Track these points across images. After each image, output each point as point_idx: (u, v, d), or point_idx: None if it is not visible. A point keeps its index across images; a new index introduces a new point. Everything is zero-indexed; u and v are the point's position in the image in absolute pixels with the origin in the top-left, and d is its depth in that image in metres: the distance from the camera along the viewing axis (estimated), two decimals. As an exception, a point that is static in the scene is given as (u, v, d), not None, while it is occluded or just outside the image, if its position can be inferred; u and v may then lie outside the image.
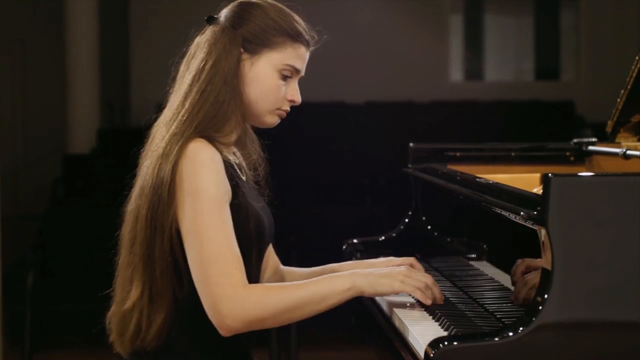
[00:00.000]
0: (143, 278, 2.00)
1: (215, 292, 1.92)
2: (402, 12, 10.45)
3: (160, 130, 2.06)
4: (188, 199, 1.95)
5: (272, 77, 2.09)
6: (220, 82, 2.04)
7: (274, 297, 1.95)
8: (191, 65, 2.08)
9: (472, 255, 2.44)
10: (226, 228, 1.96)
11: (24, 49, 10.19)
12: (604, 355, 1.77)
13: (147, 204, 1.98)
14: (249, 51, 2.07)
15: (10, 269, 5.20)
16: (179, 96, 2.06)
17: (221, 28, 2.08)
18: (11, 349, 5.01)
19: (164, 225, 1.97)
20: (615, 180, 1.84)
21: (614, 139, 2.87)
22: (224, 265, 1.93)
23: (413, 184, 2.86)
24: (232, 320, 1.92)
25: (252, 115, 2.12)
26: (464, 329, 1.91)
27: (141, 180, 2.03)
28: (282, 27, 2.09)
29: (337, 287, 1.99)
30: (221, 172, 1.99)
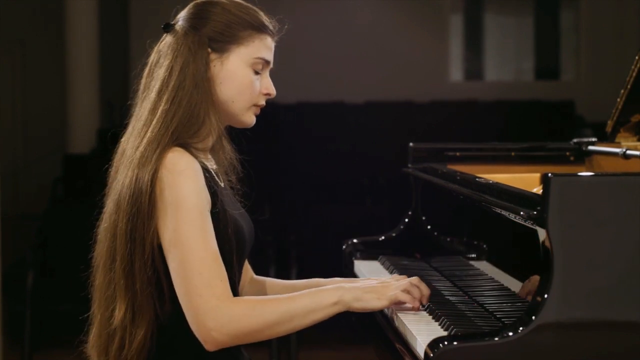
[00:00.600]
0: (126, 294, 1.94)
1: (200, 305, 1.87)
2: (402, 12, 10.45)
3: (131, 142, 2.00)
4: (169, 210, 1.90)
5: (245, 72, 2.04)
6: (191, 86, 1.99)
7: (261, 310, 1.91)
8: (156, 74, 2.03)
9: (472, 255, 2.44)
10: (209, 239, 1.92)
11: (24, 49, 10.18)
12: (604, 355, 1.77)
13: (126, 217, 1.93)
14: (217, 50, 2.03)
15: (11, 268, 5.20)
16: (147, 106, 2.01)
17: (183, 32, 2.03)
18: (11, 348, 5.01)
19: (145, 237, 1.92)
20: (615, 180, 1.84)
21: (614, 138, 2.87)
22: (208, 277, 1.89)
23: (413, 184, 2.86)
24: (218, 334, 1.88)
25: (229, 116, 2.07)
26: (464, 328, 1.91)
27: (115, 195, 1.98)
28: (246, 21, 2.05)
29: (324, 301, 1.95)
30: (201, 181, 1.94)
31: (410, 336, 1.94)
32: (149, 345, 1.95)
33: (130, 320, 1.95)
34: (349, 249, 2.78)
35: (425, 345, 1.77)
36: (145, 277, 1.93)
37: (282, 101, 9.67)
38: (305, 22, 10.06)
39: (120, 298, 1.95)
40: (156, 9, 10.89)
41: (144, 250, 1.92)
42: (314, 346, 5.45)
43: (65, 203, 7.05)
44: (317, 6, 10.16)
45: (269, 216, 5.95)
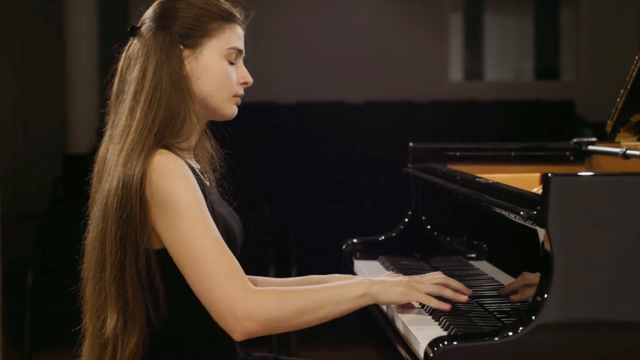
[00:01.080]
0: (117, 303, 1.92)
1: (225, 298, 1.86)
2: (402, 12, 10.45)
3: (112, 149, 1.97)
4: (168, 212, 1.88)
5: (220, 65, 2.03)
6: (168, 86, 1.97)
7: (290, 298, 1.90)
8: (129, 79, 2.00)
9: (472, 255, 2.44)
10: (214, 232, 1.90)
11: (24, 49, 10.18)
12: (604, 355, 1.77)
13: (115, 224, 1.90)
14: (190, 46, 2.01)
15: (10, 268, 5.20)
16: (124, 111, 1.98)
17: (152, 33, 2.01)
18: (11, 348, 5.01)
19: (138, 243, 1.90)
20: (615, 180, 1.84)
21: (614, 138, 2.87)
22: (226, 269, 1.88)
23: (413, 184, 2.86)
24: (248, 322, 1.87)
25: (211, 110, 2.06)
26: (464, 328, 1.91)
27: (101, 204, 1.95)
28: (214, 12, 2.03)
29: (352, 292, 1.95)
30: (192, 178, 1.93)
31: (410, 336, 1.94)
32: (141, 352, 1.93)
33: (122, 328, 1.93)
34: (349, 249, 2.78)
35: (425, 345, 1.77)
36: (137, 284, 1.91)
37: (282, 101, 9.68)
38: (305, 22, 10.06)
39: (112, 307, 1.93)
40: (156, 8, 10.90)
41: (137, 257, 1.90)
42: (314, 346, 5.45)
43: (65, 203, 7.06)
44: (317, 6, 10.15)
45: (269, 216, 5.95)
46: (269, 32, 9.77)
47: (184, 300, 1.95)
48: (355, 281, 1.99)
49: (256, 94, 9.79)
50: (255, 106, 9.12)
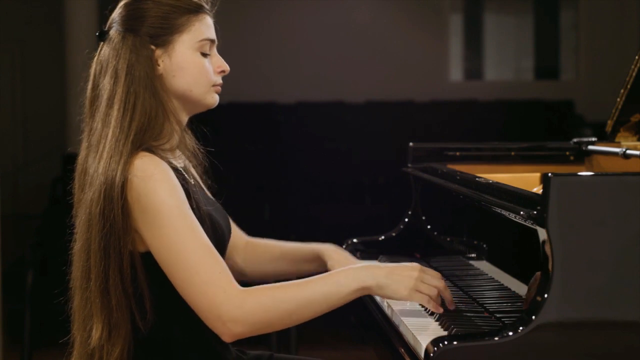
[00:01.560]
0: (102, 312, 1.92)
1: (209, 302, 1.85)
2: (402, 11, 10.45)
3: (91, 159, 1.97)
4: (149, 217, 1.88)
5: (194, 58, 2.01)
6: (141, 89, 1.95)
7: (276, 299, 1.88)
8: (101, 85, 1.99)
9: (472, 255, 2.44)
10: (198, 235, 1.89)
11: (24, 49, 10.18)
12: (604, 355, 1.77)
13: (99, 234, 1.90)
14: (161, 45, 1.99)
15: (10, 267, 5.20)
16: (100, 117, 1.97)
17: (121, 37, 1.99)
18: (11, 347, 5.01)
19: (122, 252, 1.89)
20: (615, 180, 1.84)
21: (614, 138, 2.87)
22: (208, 272, 1.86)
23: (413, 184, 2.86)
24: (234, 324, 1.86)
25: (192, 104, 2.04)
26: (464, 328, 1.91)
27: (85, 214, 1.94)
28: (180, 7, 2.01)
29: (343, 286, 1.91)
30: (175, 180, 1.92)
31: (411, 336, 1.94)
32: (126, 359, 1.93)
33: (106, 338, 1.92)
34: (349, 249, 2.78)
35: (426, 345, 1.77)
36: (121, 292, 1.90)
37: (282, 101, 9.68)
38: (305, 22, 10.06)
39: (97, 317, 1.93)
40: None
41: (121, 266, 1.90)
42: (314, 346, 5.45)
43: (65, 203, 7.05)
44: (317, 6, 10.15)
45: (268, 216, 5.95)
46: (269, 32, 9.77)
47: (171, 304, 1.94)
48: (347, 272, 1.93)
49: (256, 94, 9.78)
50: (255, 106, 9.13)
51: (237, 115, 8.39)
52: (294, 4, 10.02)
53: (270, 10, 9.75)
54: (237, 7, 9.45)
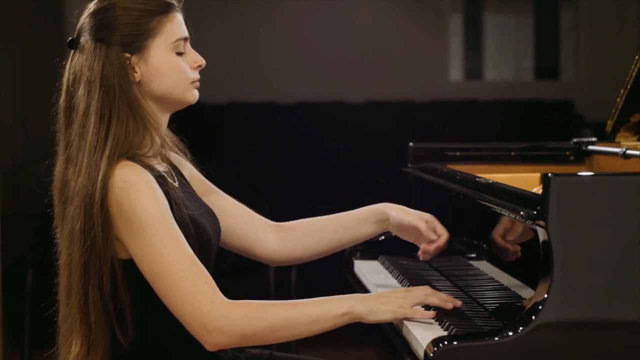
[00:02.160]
0: (81, 328, 1.93)
1: (193, 312, 1.85)
2: (402, 11, 10.44)
3: (70, 169, 1.96)
4: (133, 229, 1.87)
5: (170, 60, 1.99)
6: (116, 99, 1.93)
7: (264, 313, 1.87)
8: (75, 96, 1.97)
9: (472, 255, 2.44)
10: (182, 245, 1.88)
11: (24, 49, 10.18)
12: (604, 355, 1.77)
13: (79, 250, 1.90)
14: (135, 51, 1.96)
15: (10, 267, 5.20)
16: (76, 129, 1.96)
17: (92, 47, 1.96)
18: (11, 347, 5.01)
19: (102, 269, 1.89)
20: (615, 180, 1.84)
21: (614, 138, 2.87)
22: (193, 282, 1.85)
23: (413, 184, 2.86)
24: (218, 334, 1.85)
25: (172, 105, 2.02)
26: (464, 328, 1.91)
27: (68, 228, 1.95)
28: (149, 10, 1.97)
29: (332, 310, 1.90)
30: (157, 190, 1.90)
31: (410, 336, 1.94)
32: None
33: (84, 354, 1.93)
34: (349, 249, 2.78)
35: (425, 345, 1.77)
36: (100, 309, 1.90)
37: (282, 101, 9.67)
38: (305, 22, 10.05)
39: (76, 332, 1.94)
40: (156, 8, 10.92)
41: (100, 282, 1.89)
42: (314, 346, 5.44)
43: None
44: (317, 6, 10.15)
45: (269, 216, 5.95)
46: (269, 32, 9.76)
47: (152, 318, 1.95)
48: (338, 298, 1.94)
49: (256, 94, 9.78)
50: (255, 106, 9.12)
51: (237, 115, 8.38)
52: (293, 4, 10.01)
53: (270, 10, 9.74)
54: (237, 7, 9.45)
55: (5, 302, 4.73)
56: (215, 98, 8.02)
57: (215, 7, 8.60)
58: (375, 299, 1.95)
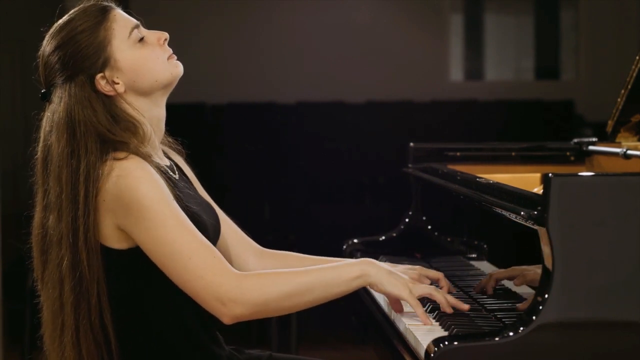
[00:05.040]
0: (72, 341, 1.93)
1: (207, 286, 1.85)
2: (402, 11, 10.45)
3: (51, 218, 1.94)
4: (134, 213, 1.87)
5: (138, 53, 1.99)
6: (84, 131, 1.91)
7: (275, 281, 1.88)
8: (50, 144, 1.95)
9: (472, 255, 2.44)
10: (185, 223, 1.89)
11: (24, 49, 10.18)
12: (604, 355, 1.77)
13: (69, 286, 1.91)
14: (103, 67, 1.96)
15: (10, 267, 5.20)
16: (52, 174, 1.94)
17: (59, 89, 1.96)
18: (11, 347, 5.01)
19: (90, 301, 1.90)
20: (615, 180, 1.84)
21: (614, 138, 2.87)
22: (202, 256, 1.86)
23: (413, 184, 2.86)
24: (234, 305, 1.85)
25: (164, 88, 2.02)
26: (465, 328, 1.91)
27: (55, 272, 1.94)
28: (91, 25, 1.97)
29: (344, 274, 1.92)
30: (155, 174, 1.91)
31: (411, 336, 1.94)
32: None
33: None
34: (349, 249, 2.78)
35: (426, 345, 1.77)
36: (90, 340, 1.91)
37: (282, 101, 9.67)
38: (305, 22, 10.05)
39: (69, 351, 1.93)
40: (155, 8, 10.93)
41: (89, 315, 1.90)
42: (314, 346, 5.45)
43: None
44: (317, 6, 10.15)
45: (269, 216, 5.95)
46: (269, 32, 9.76)
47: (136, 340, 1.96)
48: (351, 262, 1.96)
49: (256, 94, 9.78)
50: (255, 106, 9.12)
51: (237, 115, 8.38)
52: (293, 4, 10.01)
53: (270, 11, 9.74)
54: (237, 7, 9.45)
55: (5, 302, 4.73)
56: (215, 98, 8.03)
57: (215, 7, 8.60)
58: (387, 273, 1.95)
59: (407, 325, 1.99)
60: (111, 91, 1.98)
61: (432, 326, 1.97)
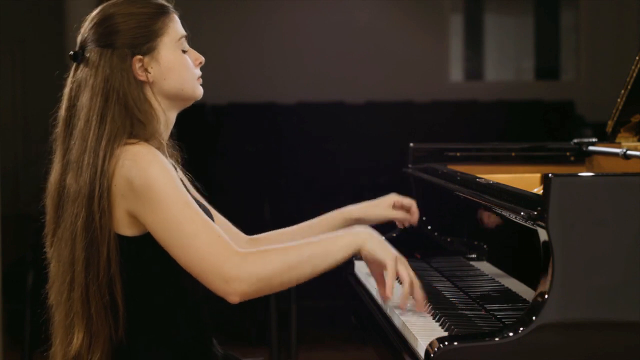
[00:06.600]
0: (82, 321, 1.98)
1: (211, 265, 1.90)
2: (402, 11, 10.44)
3: (69, 175, 2.01)
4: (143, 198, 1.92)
5: (178, 57, 2.08)
6: (114, 100, 1.99)
7: (275, 255, 1.94)
8: (78, 104, 2.03)
9: (472, 255, 2.44)
10: (191, 205, 1.95)
11: (24, 48, 10.18)
12: (604, 355, 1.77)
13: (81, 245, 1.96)
14: (146, 53, 2.04)
15: (10, 267, 5.20)
16: (78, 134, 2.02)
17: (98, 54, 2.03)
18: (11, 347, 5.01)
19: (100, 262, 1.95)
20: (615, 180, 1.84)
21: (614, 139, 2.88)
22: (207, 236, 1.91)
23: (413, 184, 2.86)
24: (238, 283, 1.90)
25: (183, 101, 2.10)
26: (464, 329, 1.91)
27: (68, 229, 2.00)
28: (151, 12, 2.07)
29: (339, 240, 2.00)
30: (165, 160, 1.98)
31: (411, 336, 1.94)
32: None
33: (87, 346, 1.98)
34: (349, 249, 2.77)
35: (426, 346, 1.77)
36: (100, 300, 1.96)
37: (282, 101, 9.67)
38: (305, 22, 10.05)
39: (78, 326, 1.99)
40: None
41: (98, 275, 1.95)
42: (314, 346, 5.45)
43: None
44: (317, 6, 10.15)
45: (269, 216, 5.95)
46: (269, 32, 9.77)
47: (143, 317, 2.01)
48: (344, 231, 2.07)
49: (256, 94, 9.78)
50: (255, 106, 9.12)
51: (237, 115, 8.38)
52: (294, 4, 10.01)
53: (271, 11, 9.74)
54: (238, 7, 9.45)
55: (5, 302, 4.73)
56: (215, 98, 8.02)
57: (215, 7, 8.61)
58: (378, 240, 2.06)
59: (407, 325, 1.99)
60: (141, 76, 2.05)
61: (432, 326, 1.97)
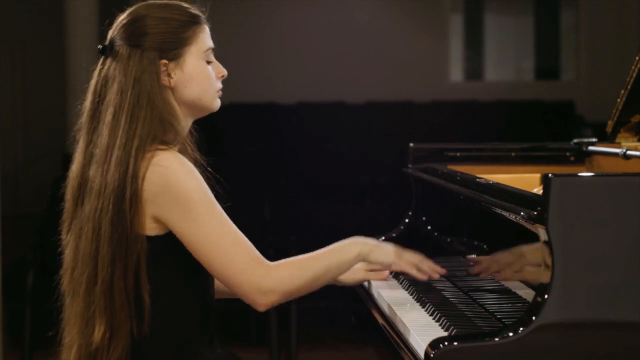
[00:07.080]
0: (105, 314, 1.98)
1: (249, 279, 1.98)
2: (402, 11, 10.45)
3: (93, 168, 2.01)
4: (181, 207, 1.95)
5: (203, 68, 2.09)
6: (145, 101, 2.01)
7: (304, 268, 2.05)
8: (107, 99, 2.04)
9: (472, 255, 2.44)
10: (228, 221, 2.00)
11: (24, 49, 10.18)
12: (604, 355, 1.77)
13: (107, 241, 1.96)
14: (172, 58, 2.06)
15: (10, 267, 5.20)
16: (106, 128, 2.02)
17: (127, 53, 2.04)
18: (11, 347, 5.01)
19: (128, 260, 1.96)
20: (615, 180, 1.84)
21: (614, 139, 2.88)
22: (245, 253, 1.99)
23: (413, 184, 2.86)
24: (272, 295, 2.00)
25: (199, 111, 2.13)
26: (464, 329, 1.91)
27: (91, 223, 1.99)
28: (184, 20, 2.08)
29: (349, 253, 2.13)
30: (197, 172, 2.01)
31: (411, 336, 1.94)
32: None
33: (108, 339, 1.98)
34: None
35: (426, 346, 1.77)
36: (124, 295, 1.97)
37: (282, 101, 9.68)
38: (305, 22, 10.05)
39: (99, 319, 1.99)
40: (156, 8, 10.93)
41: (125, 273, 1.96)
42: (314, 346, 5.45)
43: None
44: (317, 6, 10.15)
45: (269, 216, 5.95)
46: (269, 32, 9.77)
47: (167, 313, 2.01)
48: (348, 243, 2.16)
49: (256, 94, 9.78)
50: (255, 106, 9.13)
51: (238, 115, 8.39)
52: (294, 5, 10.02)
53: (271, 11, 9.75)
54: (238, 7, 9.45)
55: (5, 302, 4.72)
56: (215, 98, 8.02)
57: (215, 7, 8.60)
58: (376, 246, 2.19)
59: (407, 326, 1.99)
60: (164, 80, 2.06)
61: (432, 326, 1.97)
